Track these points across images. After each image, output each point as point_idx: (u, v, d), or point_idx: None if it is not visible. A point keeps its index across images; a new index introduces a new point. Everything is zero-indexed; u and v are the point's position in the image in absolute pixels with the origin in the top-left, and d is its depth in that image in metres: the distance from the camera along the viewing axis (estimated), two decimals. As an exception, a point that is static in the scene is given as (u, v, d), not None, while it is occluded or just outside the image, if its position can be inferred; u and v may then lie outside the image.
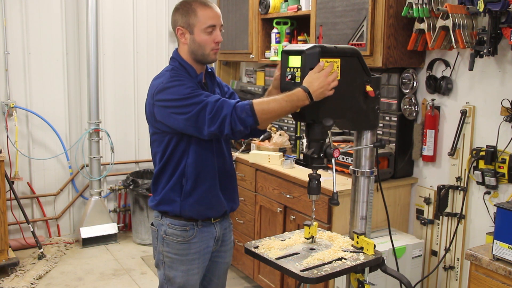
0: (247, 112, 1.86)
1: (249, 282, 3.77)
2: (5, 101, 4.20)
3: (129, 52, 4.75)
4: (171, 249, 2.14)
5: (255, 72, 4.45)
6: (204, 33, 2.03)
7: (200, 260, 2.17)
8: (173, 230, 2.13)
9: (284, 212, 3.20)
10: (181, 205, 2.09)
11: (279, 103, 1.84)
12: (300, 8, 3.50)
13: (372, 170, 2.01)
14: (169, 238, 2.13)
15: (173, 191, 2.10)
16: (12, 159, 4.23)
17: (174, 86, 1.97)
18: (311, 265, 1.77)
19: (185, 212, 2.10)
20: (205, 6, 2.04)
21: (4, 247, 3.75)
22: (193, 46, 2.06)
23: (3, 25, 4.13)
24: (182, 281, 2.14)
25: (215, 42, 2.05)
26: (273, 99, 1.87)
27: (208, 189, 2.11)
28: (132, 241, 4.62)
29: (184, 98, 1.93)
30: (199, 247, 2.15)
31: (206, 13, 2.03)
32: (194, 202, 2.10)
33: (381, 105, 2.85)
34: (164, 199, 2.12)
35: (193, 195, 2.09)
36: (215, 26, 2.04)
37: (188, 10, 2.04)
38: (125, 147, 4.81)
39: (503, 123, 2.56)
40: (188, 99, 1.92)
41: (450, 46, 2.66)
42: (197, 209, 2.11)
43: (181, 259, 2.13)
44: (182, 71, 2.07)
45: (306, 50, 1.78)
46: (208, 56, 2.07)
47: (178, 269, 2.14)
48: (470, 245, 2.78)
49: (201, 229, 2.15)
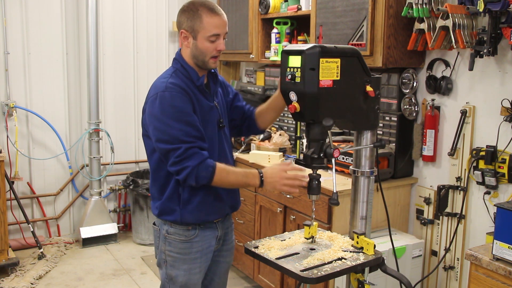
0: (206, 173, 1.94)
1: (249, 282, 3.77)
2: (5, 101, 4.20)
3: (129, 52, 4.75)
4: (173, 248, 2.14)
5: (255, 72, 4.45)
6: (207, 41, 2.01)
7: (202, 259, 2.17)
8: (175, 229, 2.13)
9: (284, 212, 3.20)
10: (181, 213, 2.09)
11: (236, 177, 2.00)
12: (300, 8, 3.50)
13: (372, 170, 2.01)
14: (171, 237, 2.14)
15: (171, 201, 2.10)
16: (12, 159, 4.23)
17: (165, 100, 1.96)
18: (311, 265, 1.77)
19: (185, 219, 2.10)
20: (211, 13, 2.00)
21: (4, 247, 3.75)
22: (195, 51, 2.04)
23: (3, 25, 4.13)
24: (184, 280, 2.15)
25: (217, 50, 2.03)
26: (233, 171, 2.01)
27: (206, 195, 2.09)
28: (132, 241, 4.62)
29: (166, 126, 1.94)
30: (201, 246, 2.15)
31: (212, 21, 1.99)
32: (193, 209, 2.09)
33: (381, 105, 2.86)
34: (164, 210, 2.13)
35: (192, 202, 2.08)
36: (219, 35, 2.02)
37: (194, 14, 2.00)
38: (125, 147, 4.82)
39: (503, 123, 2.56)
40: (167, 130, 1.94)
41: (450, 46, 2.66)
42: (197, 215, 2.10)
43: (183, 258, 2.14)
44: (183, 74, 2.06)
45: (306, 50, 1.78)
46: (208, 63, 2.05)
47: (180, 268, 2.14)
48: (470, 245, 2.78)
49: (203, 229, 2.15)
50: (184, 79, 2.05)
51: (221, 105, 2.19)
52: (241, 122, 2.32)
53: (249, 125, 2.32)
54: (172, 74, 2.05)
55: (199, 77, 2.07)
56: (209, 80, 2.16)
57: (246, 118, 2.31)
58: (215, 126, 2.12)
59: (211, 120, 2.10)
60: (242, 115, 2.31)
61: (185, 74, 2.06)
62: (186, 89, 2.01)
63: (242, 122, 2.31)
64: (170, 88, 1.98)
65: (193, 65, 2.08)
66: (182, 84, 2.02)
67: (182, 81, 2.04)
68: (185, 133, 1.94)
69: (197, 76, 2.07)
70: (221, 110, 2.18)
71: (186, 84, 2.04)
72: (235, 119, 2.30)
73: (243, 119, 2.31)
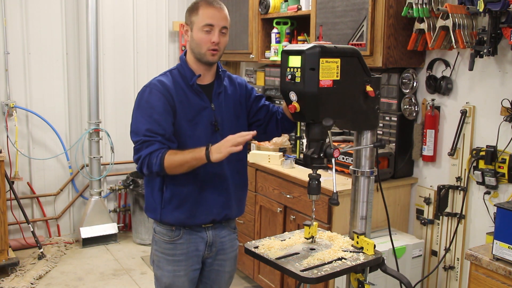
0: (156, 159, 1.93)
1: (249, 282, 3.77)
2: (5, 101, 4.20)
3: (129, 52, 4.75)
4: (158, 248, 2.15)
5: (255, 72, 4.45)
6: (201, 32, 2.02)
7: (187, 262, 2.13)
8: (160, 228, 2.14)
9: (284, 212, 3.20)
10: (161, 212, 2.09)
11: (183, 155, 1.95)
12: (300, 8, 3.50)
13: (372, 170, 2.01)
14: (157, 236, 2.15)
15: (154, 198, 2.11)
16: (12, 159, 4.23)
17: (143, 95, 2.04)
18: (311, 265, 1.77)
19: (166, 219, 2.10)
20: (208, 5, 2.04)
21: (4, 247, 3.75)
22: (192, 43, 2.07)
23: (3, 25, 4.13)
24: (168, 281, 2.13)
25: (212, 42, 2.03)
26: (181, 152, 1.96)
27: (187, 196, 2.07)
28: (132, 241, 4.62)
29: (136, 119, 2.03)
30: (186, 249, 2.13)
31: (206, 11, 2.03)
32: (173, 209, 2.08)
33: (381, 105, 2.85)
34: (148, 206, 2.16)
35: (172, 202, 2.07)
36: (213, 26, 2.03)
37: (194, 7, 2.06)
38: (125, 147, 4.81)
39: (503, 123, 2.56)
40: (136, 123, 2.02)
41: (450, 46, 2.66)
42: (177, 216, 2.08)
43: (167, 258, 2.13)
44: (179, 73, 2.08)
45: (306, 50, 1.78)
46: (205, 55, 2.05)
47: (164, 268, 2.14)
48: (470, 245, 2.78)
49: (188, 231, 2.12)
50: (177, 78, 2.07)
51: (222, 107, 2.13)
52: (267, 120, 2.22)
53: (277, 121, 2.22)
54: (166, 72, 2.10)
55: (193, 76, 2.07)
56: (214, 81, 2.14)
57: (272, 115, 2.22)
58: (207, 127, 2.08)
59: (202, 120, 2.07)
60: (267, 113, 2.22)
61: (182, 72, 2.08)
62: (170, 88, 2.03)
63: (269, 119, 2.22)
64: (153, 85, 2.04)
65: (193, 61, 2.09)
66: (168, 83, 2.04)
67: (173, 80, 2.06)
68: (149, 128, 1.97)
69: (192, 75, 2.07)
70: (222, 112, 2.12)
71: (176, 82, 2.05)
72: (259, 119, 2.23)
73: (268, 116, 2.22)
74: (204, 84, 2.12)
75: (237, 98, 2.19)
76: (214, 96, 2.12)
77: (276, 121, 2.22)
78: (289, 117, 2.18)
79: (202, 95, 2.09)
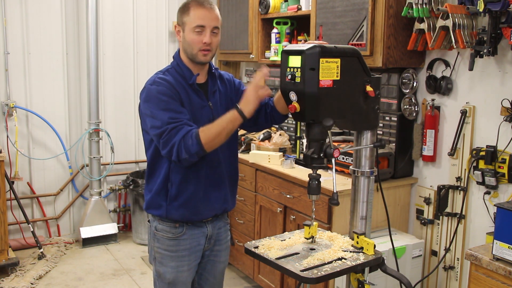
0: (192, 140, 1.92)
1: (249, 282, 3.77)
2: (5, 101, 4.20)
3: (129, 52, 4.75)
4: (161, 245, 2.16)
5: (255, 72, 4.44)
6: (193, 33, 2.04)
7: (190, 257, 2.18)
8: (163, 226, 2.15)
9: (284, 212, 3.20)
10: (167, 209, 2.11)
11: (218, 124, 1.95)
12: (300, 8, 3.50)
13: (372, 170, 2.01)
14: (159, 234, 2.16)
15: (159, 195, 2.12)
16: (12, 159, 4.23)
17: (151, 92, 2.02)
18: (311, 265, 1.77)
19: (171, 215, 2.12)
20: (199, 6, 2.05)
21: (4, 247, 3.75)
22: (184, 44, 2.09)
23: (3, 25, 4.13)
24: (171, 277, 2.16)
25: (203, 43, 2.04)
26: (214, 123, 1.96)
27: (193, 194, 2.11)
28: (132, 241, 4.63)
29: (153, 114, 1.99)
30: (189, 244, 2.16)
31: (197, 12, 2.04)
32: (179, 206, 2.10)
33: (381, 105, 2.86)
34: (151, 204, 2.16)
35: (178, 200, 2.10)
36: (204, 27, 2.04)
37: (185, 8, 2.08)
38: (125, 147, 4.82)
39: (503, 123, 2.56)
40: (156, 117, 1.98)
41: (450, 46, 2.66)
42: (183, 213, 2.12)
43: (171, 255, 2.15)
44: (177, 72, 2.10)
45: (306, 50, 1.77)
46: (196, 56, 2.07)
47: (167, 265, 2.16)
48: (470, 245, 2.78)
49: (191, 227, 2.16)
50: (177, 76, 2.09)
51: (218, 105, 2.17)
52: (256, 113, 2.18)
53: (266, 113, 2.24)
54: (165, 71, 2.11)
55: (193, 75, 2.10)
56: (208, 80, 2.17)
57: (261, 107, 2.21)
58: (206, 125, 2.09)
59: (202, 119, 2.09)
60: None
61: (179, 71, 2.10)
62: (174, 85, 2.04)
63: (257, 112, 2.20)
64: (157, 83, 2.03)
65: (187, 61, 2.11)
66: (171, 80, 2.05)
67: (174, 78, 2.07)
68: (171, 116, 1.96)
69: (191, 74, 2.10)
70: (218, 110, 2.15)
71: (177, 81, 2.07)
72: None
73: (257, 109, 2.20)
74: (199, 83, 2.15)
75: (228, 94, 2.24)
76: (210, 95, 2.16)
77: (265, 113, 2.25)
78: (279, 109, 2.20)
79: (201, 93, 2.13)
